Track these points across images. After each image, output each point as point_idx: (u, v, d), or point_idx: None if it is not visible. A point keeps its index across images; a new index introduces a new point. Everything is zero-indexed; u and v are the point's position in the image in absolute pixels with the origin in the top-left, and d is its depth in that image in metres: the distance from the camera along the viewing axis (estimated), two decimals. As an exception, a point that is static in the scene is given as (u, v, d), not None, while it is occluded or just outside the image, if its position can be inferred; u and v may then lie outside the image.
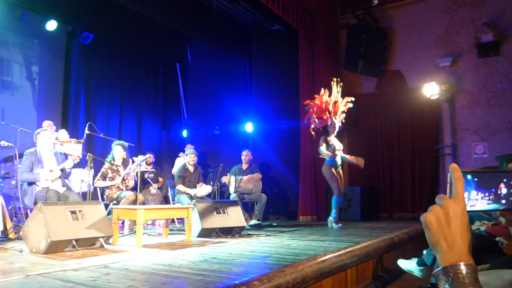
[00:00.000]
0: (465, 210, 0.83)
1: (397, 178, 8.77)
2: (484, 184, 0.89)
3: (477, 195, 0.89)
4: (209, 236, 4.99)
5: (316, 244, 4.21)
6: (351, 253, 3.56)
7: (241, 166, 7.32)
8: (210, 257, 3.38)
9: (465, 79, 8.22)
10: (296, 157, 8.32)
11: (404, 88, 8.79)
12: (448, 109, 8.33)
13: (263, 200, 6.78)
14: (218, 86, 9.49)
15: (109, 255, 3.52)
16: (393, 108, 8.85)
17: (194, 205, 5.05)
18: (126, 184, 5.87)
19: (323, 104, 6.35)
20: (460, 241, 0.81)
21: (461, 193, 0.84)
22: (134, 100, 9.09)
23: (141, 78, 9.39)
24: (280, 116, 8.69)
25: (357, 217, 7.82)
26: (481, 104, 8.07)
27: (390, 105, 8.89)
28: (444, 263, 0.81)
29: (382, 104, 9.03)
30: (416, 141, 8.65)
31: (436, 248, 0.83)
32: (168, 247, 4.11)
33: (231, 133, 9.46)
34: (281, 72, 8.89)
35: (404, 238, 4.90)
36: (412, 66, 8.76)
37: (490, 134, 7.94)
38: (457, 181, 0.84)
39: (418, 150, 8.61)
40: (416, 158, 8.62)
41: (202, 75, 9.98)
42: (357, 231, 5.56)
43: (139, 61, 9.33)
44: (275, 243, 4.40)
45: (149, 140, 9.39)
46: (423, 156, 8.55)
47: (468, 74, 8.22)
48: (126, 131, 8.78)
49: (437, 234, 0.83)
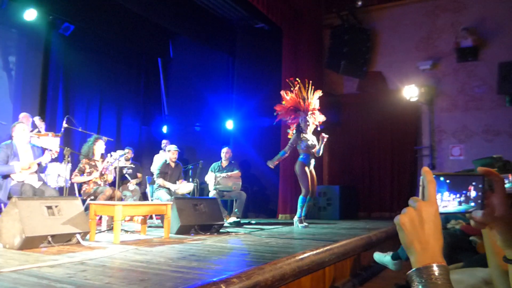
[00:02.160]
0: (437, 212, 0.86)
1: (376, 178, 8.90)
2: (456, 186, 0.92)
3: (449, 196, 0.92)
4: (188, 233, 4.98)
5: (295, 242, 4.24)
6: (329, 251, 3.60)
7: (220, 164, 7.30)
8: (188, 254, 3.37)
9: (444, 82, 8.38)
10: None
11: (385, 90, 8.91)
12: (427, 111, 8.48)
13: (242, 198, 6.78)
14: (200, 82, 9.45)
15: (86, 252, 3.48)
16: (374, 109, 8.95)
17: (173, 202, 5.03)
18: (104, 179, 5.81)
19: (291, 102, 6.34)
20: (433, 243, 0.83)
21: (434, 195, 0.86)
22: (114, 94, 8.97)
23: (122, 72, 9.28)
24: (262, 114, 8.69)
25: (336, 216, 7.90)
26: (459, 107, 8.24)
27: (371, 105, 8.99)
28: (417, 264, 0.83)
29: (363, 104, 9.13)
30: (396, 142, 8.78)
31: (410, 249, 0.85)
32: (146, 244, 4.09)
33: (212, 129, 9.43)
34: (264, 70, 8.89)
35: (382, 237, 4.97)
36: (393, 68, 8.88)
37: (467, 137, 8.12)
38: (430, 184, 0.86)
39: (398, 150, 8.75)
40: (395, 158, 8.76)
41: (184, 71, 9.92)
42: (336, 230, 5.61)
43: (120, 55, 9.22)
44: (254, 240, 4.41)
45: (129, 135, 9.30)
46: (402, 156, 8.70)
47: (447, 77, 8.38)
48: (105, 125, 8.67)
49: (411, 236, 0.85)
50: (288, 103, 6.38)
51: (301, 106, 6.31)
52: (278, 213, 8.13)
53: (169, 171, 6.64)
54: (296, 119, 6.37)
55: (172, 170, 6.68)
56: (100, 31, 8.32)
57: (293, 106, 6.35)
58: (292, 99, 6.34)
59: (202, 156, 8.44)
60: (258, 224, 6.83)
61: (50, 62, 7.83)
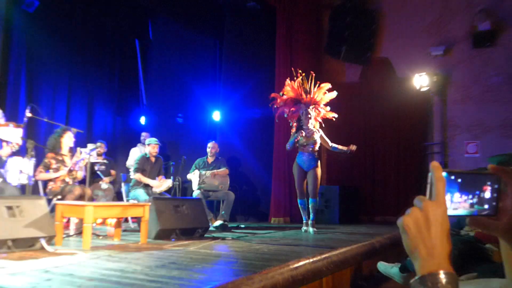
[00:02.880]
0: (445, 213, 0.84)
1: (380, 178, 8.93)
2: (469, 185, 0.90)
3: (460, 197, 0.90)
4: (168, 238, 4.96)
5: (289, 249, 4.25)
6: (327, 259, 3.60)
7: (206, 160, 7.29)
8: (168, 262, 3.36)
9: (458, 71, 8.42)
10: (269, 150, 8.36)
11: (392, 78, 8.93)
12: (439, 103, 8.52)
13: (230, 199, 6.78)
14: (183, 68, 9.41)
15: (51, 258, 3.46)
16: (379, 100, 8.97)
17: (151, 203, 5.01)
18: (73, 176, 5.77)
19: (291, 93, 6.33)
20: (440, 248, 0.82)
21: (442, 195, 0.85)
22: (85, 80, 8.89)
23: (94, 55, 9.19)
24: (253, 104, 8.69)
25: (335, 219, 7.92)
26: (474, 98, 8.29)
27: (376, 96, 9.01)
28: (422, 271, 0.82)
29: (366, 95, 9.14)
30: (403, 137, 8.81)
31: (414, 254, 0.85)
32: (121, 250, 4.08)
33: (196, 122, 9.41)
34: (256, 56, 8.88)
35: (386, 244, 4.99)
36: (401, 54, 8.90)
37: (483, 132, 8.17)
38: (438, 181, 0.85)
39: (405, 147, 8.79)
40: (402, 156, 8.80)
41: (165, 55, 9.87)
42: (335, 235, 5.63)
43: (91, 35, 9.12)
44: (242, 247, 4.42)
45: (101, 126, 9.24)
46: (410, 154, 8.73)
47: (461, 65, 8.41)
48: (74, 115, 8.59)
49: (415, 239, 0.84)
50: (288, 93, 6.37)
51: (302, 98, 6.30)
52: (270, 217, 8.15)
53: (148, 167, 6.62)
54: (297, 113, 6.37)
55: (152, 166, 6.66)
56: (68, 8, 8.23)
57: (294, 98, 6.33)
58: (293, 89, 6.33)
59: (185, 151, 8.42)
60: (248, 228, 6.83)
61: (11, 42, 7.71)
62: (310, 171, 6.17)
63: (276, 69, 8.44)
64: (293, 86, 6.35)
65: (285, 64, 8.42)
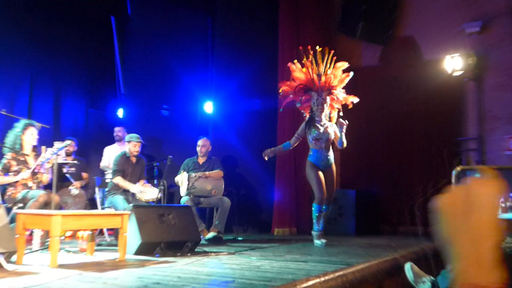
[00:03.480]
0: (495, 197, 0.81)
1: (405, 180, 8.90)
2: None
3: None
4: (151, 254, 4.96)
5: (296, 266, 4.23)
6: (341, 278, 3.59)
7: (196, 160, 7.29)
8: (151, 282, 3.35)
9: (498, 51, 8.38)
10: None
11: (418, 61, 8.91)
12: (475, 91, 8.48)
13: (225, 206, 6.78)
14: (168, 51, 9.39)
15: (11, 279, 3.44)
16: (402, 88, 8.95)
17: (131, 211, 4.99)
18: (37, 180, 5.76)
19: (301, 79, 6.32)
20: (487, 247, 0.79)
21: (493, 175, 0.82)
22: (51, 66, 8.86)
23: (61, 36, 9.14)
24: (252, 93, 8.67)
25: (350, 230, 7.91)
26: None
27: (399, 82, 8.99)
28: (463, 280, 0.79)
29: (387, 81, 9.12)
30: (432, 132, 8.79)
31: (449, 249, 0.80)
32: (95, 268, 4.06)
33: (184, 114, 9.40)
34: (255, 35, 8.86)
35: (413, 259, 4.97)
36: (429, 32, 8.88)
37: (529, 125, 8.16)
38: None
39: (434, 143, 8.74)
40: (430, 154, 8.76)
41: (147, 35, 9.84)
42: (351, 249, 5.61)
43: (58, 13, 9.08)
44: (240, 263, 4.40)
45: (71, 121, 9.22)
46: (440, 151, 8.70)
47: (502, 44, 8.37)
48: (38, 107, 8.56)
49: (453, 226, 0.80)
50: (297, 79, 6.35)
51: (314, 84, 6.27)
52: (273, 227, 8.15)
53: (129, 169, 6.60)
54: (309, 102, 6.36)
55: (133, 167, 6.65)
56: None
57: (304, 84, 6.31)
58: (302, 74, 6.32)
59: (171, 150, 8.39)
60: (247, 241, 6.83)
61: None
62: (326, 170, 6.19)
63: (280, 51, 8.42)
64: (301, 70, 6.33)
65: (290, 44, 8.40)
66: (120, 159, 6.63)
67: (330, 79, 6.30)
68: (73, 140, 7.65)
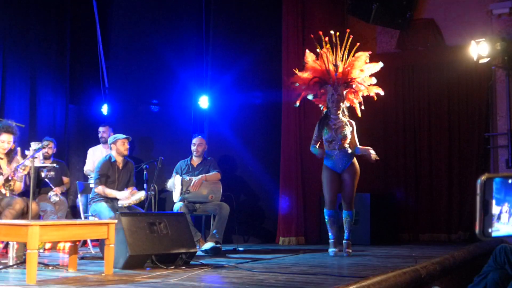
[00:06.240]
0: None
1: (426, 181, 8.90)
2: None
3: None
4: (141, 267, 4.97)
5: (304, 279, 4.24)
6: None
7: (190, 161, 7.28)
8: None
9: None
10: (276, 147, 8.34)
11: (439, 47, 8.90)
12: (504, 80, 8.47)
13: (224, 213, 6.78)
14: (158, 38, 9.36)
15: (-16, 297, 3.46)
16: (423, 77, 8.95)
17: (118, 220, 4.99)
18: (11, 187, 5.76)
19: (314, 71, 6.33)
20: None
21: None
22: (26, 55, 8.86)
23: (37, 21, 9.14)
24: (252, 86, 8.66)
25: (365, 238, 7.91)
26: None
27: (418, 72, 8.98)
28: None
29: (405, 70, 9.12)
30: (456, 127, 8.78)
31: None
32: (78, 284, 4.07)
33: (176, 110, 9.37)
34: (256, 20, 8.85)
35: (435, 271, 4.98)
36: (452, 14, 8.87)
37: None
38: None
39: (459, 140, 8.75)
40: (455, 151, 8.76)
41: (134, 20, 9.80)
42: (366, 260, 5.62)
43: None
44: (242, 277, 4.41)
45: (49, 118, 9.20)
46: (465, 149, 8.70)
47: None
48: (11, 104, 8.56)
49: None
50: (310, 71, 6.36)
51: (329, 77, 6.26)
52: (278, 236, 8.14)
53: (115, 174, 6.57)
54: (325, 95, 6.38)
55: (119, 172, 6.62)
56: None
57: (319, 77, 6.31)
58: (316, 65, 6.32)
59: (161, 151, 8.40)
60: (248, 252, 6.85)
61: None
62: (345, 172, 6.21)
63: (284, 37, 8.40)
64: (315, 61, 6.34)
65: (295, 30, 8.40)
66: (103, 165, 6.54)
67: (349, 71, 6.29)
68: (51, 141, 7.64)
